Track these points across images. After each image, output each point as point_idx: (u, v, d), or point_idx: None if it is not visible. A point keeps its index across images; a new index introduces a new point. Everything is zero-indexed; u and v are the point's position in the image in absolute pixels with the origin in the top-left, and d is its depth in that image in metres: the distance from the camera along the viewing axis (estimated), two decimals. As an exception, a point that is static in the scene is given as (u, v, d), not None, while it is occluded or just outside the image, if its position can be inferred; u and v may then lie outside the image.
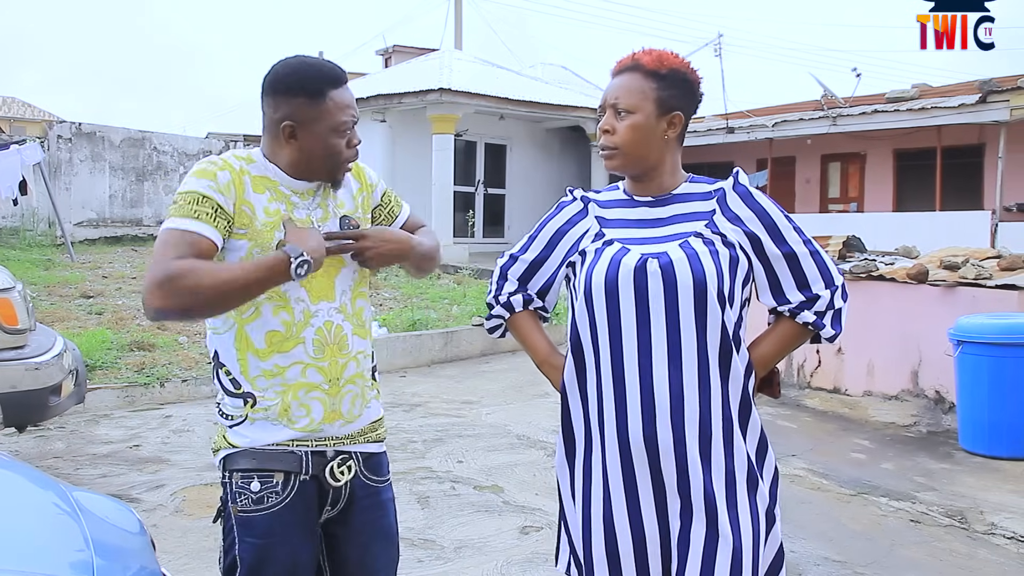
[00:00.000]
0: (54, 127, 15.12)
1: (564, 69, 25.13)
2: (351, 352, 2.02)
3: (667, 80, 1.93)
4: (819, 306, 1.95)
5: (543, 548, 3.99)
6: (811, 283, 1.95)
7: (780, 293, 1.96)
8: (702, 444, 1.85)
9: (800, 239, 1.95)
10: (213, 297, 1.77)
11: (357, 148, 2.02)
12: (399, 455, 5.38)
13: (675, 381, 1.85)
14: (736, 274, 1.90)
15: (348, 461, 2.02)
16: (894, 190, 17.26)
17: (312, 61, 1.99)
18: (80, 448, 5.55)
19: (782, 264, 1.94)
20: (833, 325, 1.97)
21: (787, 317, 1.98)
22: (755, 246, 1.93)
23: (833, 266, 1.99)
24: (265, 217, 1.93)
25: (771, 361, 2.01)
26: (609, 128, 1.96)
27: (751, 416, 1.93)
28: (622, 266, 1.90)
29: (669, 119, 1.94)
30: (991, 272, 6.40)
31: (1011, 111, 13.48)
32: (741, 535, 1.83)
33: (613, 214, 2.03)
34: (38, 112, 38.13)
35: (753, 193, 1.96)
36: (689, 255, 1.87)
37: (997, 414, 5.42)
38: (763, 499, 1.92)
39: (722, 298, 1.86)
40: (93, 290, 9.86)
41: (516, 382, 7.92)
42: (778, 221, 1.94)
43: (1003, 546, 4.16)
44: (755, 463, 1.93)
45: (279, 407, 1.93)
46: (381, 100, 17.19)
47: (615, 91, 1.96)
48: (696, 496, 1.85)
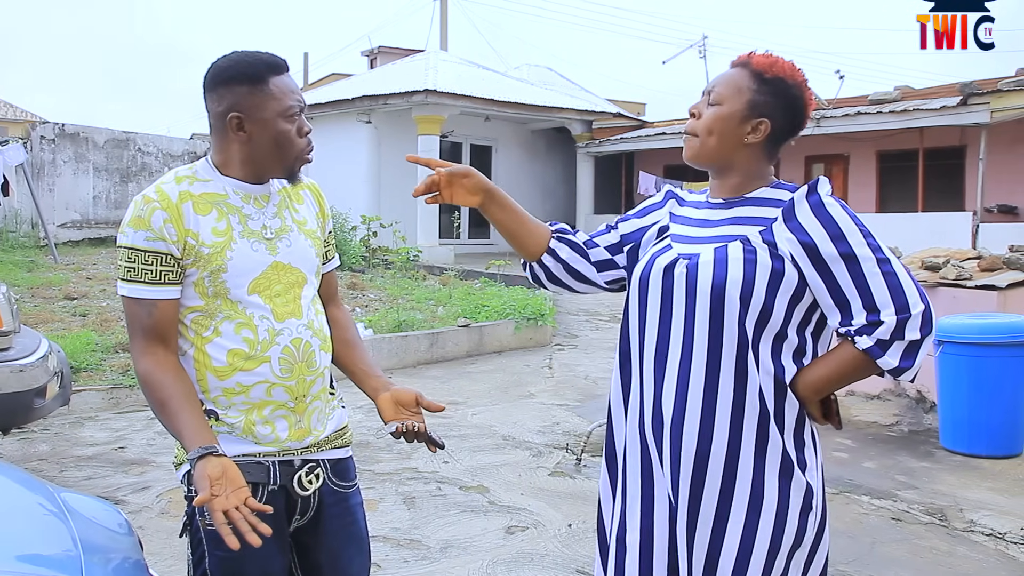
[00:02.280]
0: (37, 128, 15.01)
1: (550, 70, 25.18)
2: (318, 368, 2.00)
3: (768, 85, 1.86)
4: (882, 332, 1.72)
5: (528, 548, 4.02)
6: (879, 305, 1.72)
7: (847, 313, 1.76)
8: (697, 461, 1.78)
9: (872, 253, 1.74)
10: (153, 410, 1.90)
11: (310, 137, 1.97)
12: (385, 456, 5.40)
13: (682, 386, 1.81)
14: (778, 289, 1.76)
15: (316, 469, 2.00)
16: (877, 191, 17.39)
17: (250, 51, 1.96)
18: (65, 450, 5.53)
19: (844, 274, 1.74)
20: (903, 359, 1.73)
21: (847, 340, 1.77)
22: (813, 257, 1.76)
23: (915, 290, 1.75)
24: (213, 238, 1.89)
25: (820, 387, 1.80)
26: (696, 112, 1.91)
27: (769, 439, 1.77)
28: (655, 265, 1.88)
29: (755, 123, 1.86)
30: (971, 273, 6.47)
31: (991, 113, 13.63)
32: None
33: (684, 211, 2.00)
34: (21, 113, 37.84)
35: (826, 203, 1.78)
36: (718, 259, 1.79)
37: (977, 413, 5.48)
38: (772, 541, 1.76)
39: (745, 308, 1.76)
40: (77, 292, 9.82)
41: (502, 383, 7.94)
42: (846, 230, 1.75)
43: (981, 543, 4.21)
44: (772, 498, 1.76)
45: (243, 424, 1.91)
46: (366, 101, 17.20)
47: (717, 80, 1.90)
48: (681, 513, 1.80)
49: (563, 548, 4.02)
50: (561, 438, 5.96)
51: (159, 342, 1.88)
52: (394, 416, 2.03)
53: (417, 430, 2.00)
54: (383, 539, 4.06)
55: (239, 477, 1.72)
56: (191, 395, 1.85)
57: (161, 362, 1.86)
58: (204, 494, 1.66)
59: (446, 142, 18.14)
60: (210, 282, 1.89)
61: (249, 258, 1.92)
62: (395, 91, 16.75)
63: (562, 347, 9.50)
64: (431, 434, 2.02)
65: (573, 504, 4.58)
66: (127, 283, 1.88)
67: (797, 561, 1.80)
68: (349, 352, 2.17)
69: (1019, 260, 6.49)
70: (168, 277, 1.87)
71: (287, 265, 1.97)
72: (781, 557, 1.77)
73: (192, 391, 1.87)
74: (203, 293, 1.90)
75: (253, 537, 1.63)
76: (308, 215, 2.09)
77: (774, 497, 1.77)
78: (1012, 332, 5.42)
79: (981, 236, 13.27)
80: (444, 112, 16.83)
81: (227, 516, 1.64)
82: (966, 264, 6.72)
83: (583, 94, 22.55)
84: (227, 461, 1.74)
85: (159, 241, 1.85)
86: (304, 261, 2.01)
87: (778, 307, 1.78)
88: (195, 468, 1.71)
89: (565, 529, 4.23)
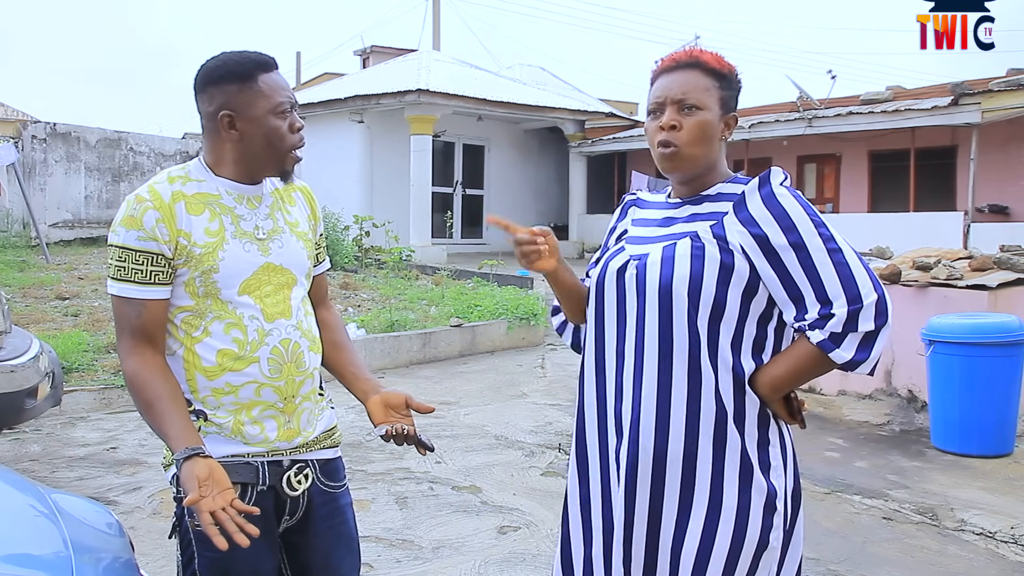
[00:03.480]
0: (28, 127, 14.95)
1: (542, 70, 25.21)
2: (307, 369, 2.00)
3: (727, 80, 1.86)
4: (833, 325, 1.68)
5: (521, 548, 4.02)
6: (831, 297, 1.69)
7: (801, 307, 1.73)
8: (656, 465, 1.77)
9: (823, 244, 1.71)
10: (140, 411, 1.89)
11: (301, 133, 1.97)
12: (377, 456, 5.39)
13: (636, 388, 1.80)
14: (729, 282, 1.75)
15: (305, 470, 2.00)
16: (869, 191, 17.43)
17: (239, 51, 1.97)
18: (56, 451, 5.52)
19: (795, 266, 1.72)
20: (858, 352, 1.69)
21: (802, 335, 1.75)
22: (765, 249, 1.74)
23: (867, 279, 1.70)
24: (206, 239, 1.90)
25: (779, 384, 1.77)
26: (676, 123, 1.82)
27: (727, 440, 1.75)
28: (608, 269, 1.89)
29: (727, 120, 1.87)
30: (962, 272, 6.49)
31: (982, 113, 13.67)
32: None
33: (645, 213, 1.99)
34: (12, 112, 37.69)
35: (777, 193, 1.75)
36: (665, 257, 1.79)
37: (968, 412, 5.51)
38: (733, 531, 1.75)
39: (695, 304, 1.75)
40: (69, 292, 9.78)
41: (494, 383, 7.95)
42: (795, 217, 1.73)
43: (972, 542, 4.23)
44: (731, 495, 1.75)
45: (232, 424, 1.91)
46: (359, 101, 17.18)
47: (679, 86, 1.83)
48: (639, 518, 1.80)
49: (555, 548, 4.02)
50: (553, 438, 5.96)
51: (147, 342, 1.88)
52: (383, 419, 2.04)
53: (406, 433, 2.01)
54: (376, 539, 4.06)
55: (225, 479, 1.73)
56: (178, 396, 1.86)
57: (148, 362, 1.87)
58: (193, 495, 1.67)
59: (438, 142, 18.13)
60: (201, 282, 1.89)
61: (241, 259, 1.92)
62: (388, 91, 16.73)
63: (554, 347, 9.49)
64: (420, 437, 2.03)
65: (565, 504, 4.57)
66: (117, 282, 1.89)
67: (767, 563, 1.78)
68: (339, 354, 2.18)
69: (1010, 260, 6.52)
70: (158, 277, 1.87)
71: (278, 266, 1.98)
72: (744, 560, 1.75)
73: (179, 392, 1.87)
74: (193, 293, 1.90)
75: (241, 537, 1.64)
76: (300, 217, 2.09)
77: (733, 500, 1.74)
78: (1003, 332, 5.44)
79: (972, 236, 13.32)
80: (437, 112, 16.82)
81: (214, 517, 1.65)
82: (957, 264, 6.75)
83: (576, 94, 22.58)
84: (213, 462, 1.75)
85: (151, 241, 1.86)
86: (295, 263, 2.02)
87: (731, 301, 1.75)
88: (182, 469, 1.72)
89: (557, 529, 4.22)
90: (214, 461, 1.76)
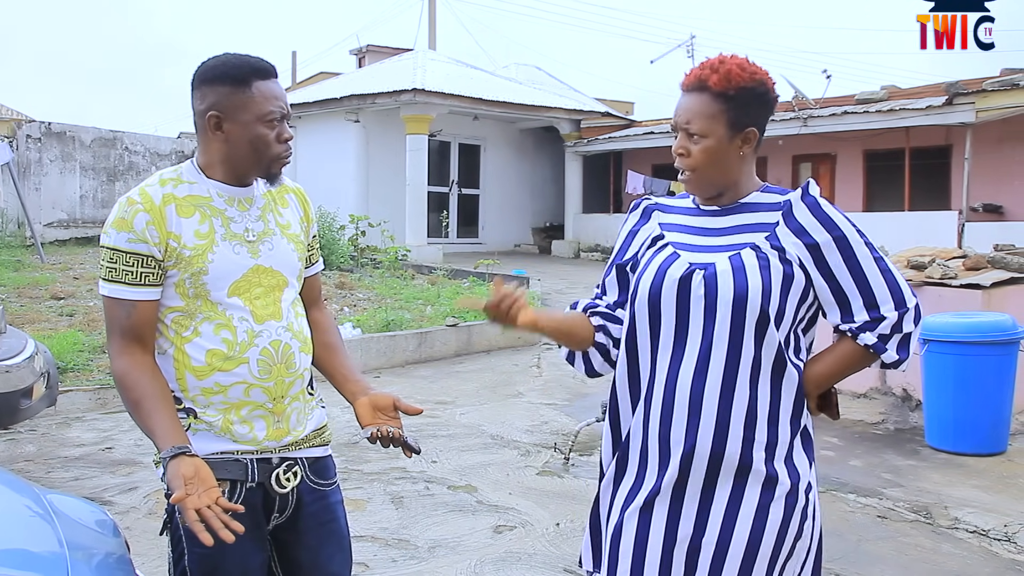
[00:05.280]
0: (23, 126, 14.92)
1: (538, 69, 25.20)
2: (298, 370, 2.01)
3: (736, 100, 1.86)
4: (883, 328, 1.83)
5: (516, 547, 4.03)
6: (879, 302, 1.83)
7: (847, 311, 1.86)
8: (710, 467, 1.82)
9: (869, 252, 1.84)
10: (128, 410, 1.91)
11: (290, 144, 1.98)
12: (373, 456, 5.39)
13: (696, 393, 1.83)
14: (789, 292, 1.83)
15: (294, 467, 2.01)
16: (864, 190, 17.47)
17: (240, 54, 1.97)
18: (52, 451, 5.51)
19: (847, 278, 1.83)
20: (899, 350, 1.85)
21: (848, 337, 1.87)
22: (816, 258, 1.84)
23: (907, 286, 1.87)
24: (196, 241, 1.91)
25: (825, 381, 1.90)
26: (684, 151, 1.90)
27: (778, 441, 1.83)
28: (667, 277, 1.88)
29: (743, 136, 1.88)
30: (956, 272, 6.51)
31: (977, 113, 13.72)
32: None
33: (675, 219, 2.00)
34: (7, 111, 37.61)
35: (822, 204, 1.86)
36: (735, 268, 1.83)
37: (962, 411, 5.52)
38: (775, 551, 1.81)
39: (765, 314, 1.81)
40: (64, 291, 9.76)
41: (490, 382, 7.95)
42: (846, 231, 1.84)
43: (966, 540, 4.25)
44: (783, 486, 1.82)
45: (221, 423, 1.92)
46: (355, 100, 17.17)
47: (685, 113, 1.90)
48: (699, 521, 1.82)
49: (551, 547, 4.04)
50: (549, 437, 5.97)
51: (136, 342, 1.90)
52: (371, 421, 2.06)
53: (392, 435, 2.03)
54: (371, 539, 4.06)
55: (211, 477, 1.76)
56: (166, 396, 1.88)
57: (138, 362, 1.89)
58: (179, 492, 1.69)
59: (434, 141, 18.12)
60: (191, 284, 1.91)
61: (230, 261, 1.93)
62: (383, 90, 16.73)
63: (550, 346, 9.45)
64: (407, 439, 2.04)
65: (561, 503, 4.59)
66: (108, 283, 1.90)
67: (800, 550, 1.86)
68: (330, 355, 2.19)
69: (1004, 259, 6.54)
70: (148, 279, 1.89)
71: (268, 268, 1.99)
72: (787, 546, 1.83)
73: (167, 392, 1.89)
74: (184, 294, 1.92)
75: (226, 534, 1.67)
76: (292, 219, 2.10)
77: (784, 490, 1.82)
78: (997, 331, 5.46)
79: (967, 235, 13.37)
80: (432, 111, 16.83)
81: (200, 515, 1.68)
82: (951, 263, 6.77)
83: (571, 93, 22.57)
84: (199, 461, 1.77)
85: (141, 243, 1.88)
86: (285, 265, 2.03)
87: (789, 309, 1.84)
88: (168, 467, 1.75)
89: (553, 528, 4.24)
90: (200, 460, 1.78)
